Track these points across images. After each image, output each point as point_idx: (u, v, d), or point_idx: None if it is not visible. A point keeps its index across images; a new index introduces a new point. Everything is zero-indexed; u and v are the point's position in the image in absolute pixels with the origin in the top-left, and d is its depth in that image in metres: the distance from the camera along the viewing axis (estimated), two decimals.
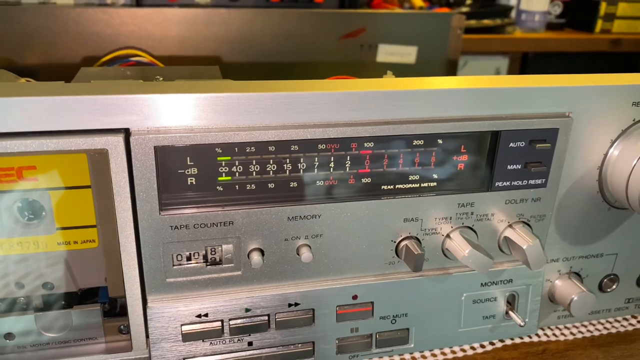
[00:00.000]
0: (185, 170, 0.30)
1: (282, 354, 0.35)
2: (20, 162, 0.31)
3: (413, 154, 0.34)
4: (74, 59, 0.66)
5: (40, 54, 0.66)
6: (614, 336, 0.44)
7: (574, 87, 0.34)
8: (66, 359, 0.33)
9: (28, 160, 0.31)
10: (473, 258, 0.34)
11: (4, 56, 0.64)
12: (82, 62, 0.66)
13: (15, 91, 0.28)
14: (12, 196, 0.31)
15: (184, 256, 0.32)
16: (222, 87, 0.30)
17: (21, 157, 0.30)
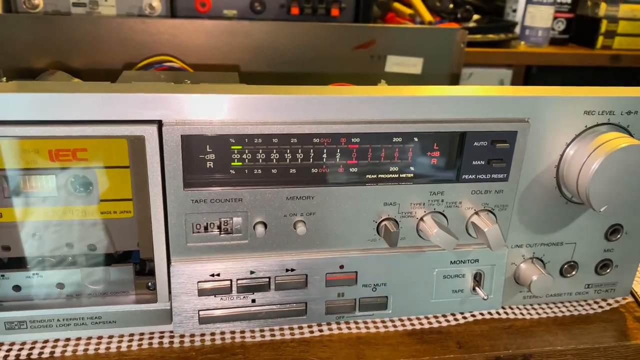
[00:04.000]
0: (205, 155, 0.38)
1: (279, 310, 0.42)
2: (74, 144, 0.38)
3: (393, 149, 0.40)
4: (114, 62, 0.74)
5: (86, 57, 0.75)
6: (574, 317, 0.49)
7: (532, 97, 0.41)
8: (104, 306, 0.41)
9: (81, 143, 0.38)
10: (440, 237, 0.40)
11: (56, 59, 0.73)
12: (121, 66, 0.74)
13: (73, 88, 0.36)
14: (67, 172, 0.39)
15: (202, 226, 0.40)
16: (236, 90, 0.37)
17: (75, 141, 0.38)
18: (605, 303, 0.51)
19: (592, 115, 0.42)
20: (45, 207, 0.40)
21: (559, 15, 0.95)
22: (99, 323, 0.41)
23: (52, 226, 0.40)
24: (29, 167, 0.38)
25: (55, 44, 0.73)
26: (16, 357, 0.40)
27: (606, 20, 0.93)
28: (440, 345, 0.45)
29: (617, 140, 0.41)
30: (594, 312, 0.50)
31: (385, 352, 0.43)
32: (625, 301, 0.51)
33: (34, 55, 0.73)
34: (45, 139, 0.37)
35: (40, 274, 0.41)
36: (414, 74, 0.79)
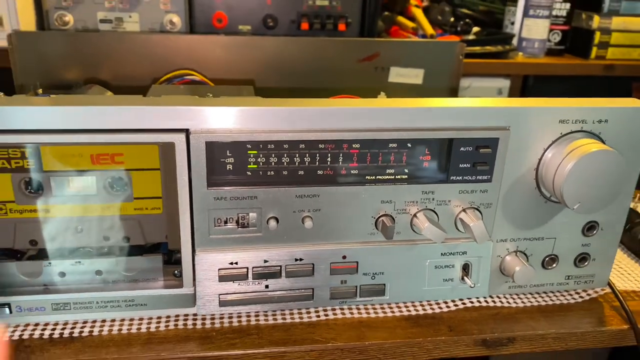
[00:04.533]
0: (226, 159, 0.44)
1: (289, 295, 0.48)
2: (113, 149, 0.45)
3: (389, 153, 0.46)
4: (138, 74, 0.80)
5: (112, 70, 0.81)
6: (556, 306, 0.55)
7: (512, 107, 0.46)
8: (136, 290, 0.47)
9: (118, 149, 0.45)
10: (431, 231, 0.46)
11: (85, 72, 0.80)
12: (145, 77, 0.80)
13: (113, 102, 0.42)
14: (106, 174, 0.45)
15: (222, 220, 0.45)
16: (252, 103, 0.43)
17: (114, 146, 0.44)
18: (585, 293, 0.56)
19: (567, 123, 0.47)
20: (87, 204, 0.46)
21: (555, 27, 1.00)
22: (131, 305, 0.47)
23: (92, 221, 0.47)
24: (73, 169, 0.45)
25: (85, 58, 0.79)
26: (60, 334, 0.47)
27: (599, 32, 0.98)
28: (433, 328, 0.50)
29: (588, 145, 0.46)
30: (575, 301, 0.55)
31: (383, 334, 0.49)
32: (603, 292, 0.56)
33: (66, 69, 0.79)
34: (88, 145, 0.44)
35: (81, 262, 0.47)
36: (415, 84, 0.84)
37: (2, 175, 0.44)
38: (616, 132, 0.48)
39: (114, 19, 0.86)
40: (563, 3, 0.99)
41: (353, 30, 0.88)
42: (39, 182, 0.45)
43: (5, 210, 0.45)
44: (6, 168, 0.44)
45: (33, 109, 0.40)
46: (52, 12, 0.84)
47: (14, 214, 0.45)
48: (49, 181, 0.45)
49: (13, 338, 0.46)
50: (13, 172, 0.44)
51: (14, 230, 0.46)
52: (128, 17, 0.86)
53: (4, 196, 0.45)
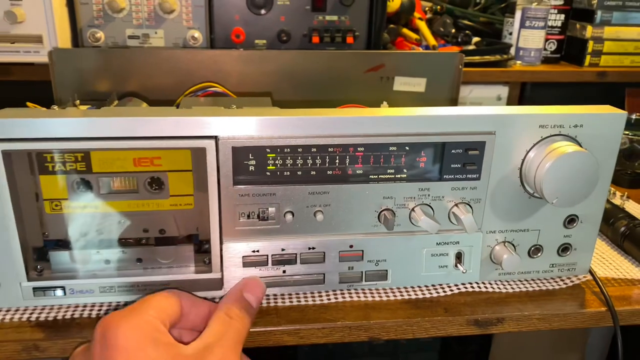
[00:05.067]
0: (248, 161, 0.51)
1: (304, 279, 0.55)
2: (152, 154, 0.52)
3: (390, 155, 0.53)
4: (164, 86, 0.88)
5: (140, 82, 0.88)
6: (542, 291, 0.61)
7: (497, 114, 0.53)
8: (171, 275, 0.54)
9: (156, 153, 0.52)
10: (426, 223, 0.53)
11: (116, 84, 0.87)
12: (170, 89, 0.87)
13: (152, 113, 0.50)
14: (146, 175, 0.53)
15: (246, 214, 0.53)
16: (271, 113, 0.51)
17: (152, 151, 0.52)
18: (568, 280, 0.62)
19: (546, 128, 0.54)
20: (129, 201, 0.53)
21: (550, 37, 1.06)
22: (167, 288, 0.54)
23: (133, 215, 0.54)
24: (118, 171, 0.52)
25: (116, 72, 0.87)
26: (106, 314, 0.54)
27: (592, 41, 1.04)
28: (430, 310, 0.57)
29: (565, 147, 0.53)
30: (559, 287, 0.62)
31: (386, 315, 0.56)
32: (585, 279, 0.63)
33: (99, 82, 0.87)
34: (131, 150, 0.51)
35: (124, 251, 0.55)
36: (418, 92, 0.91)
37: (59, 176, 0.52)
38: (591, 136, 0.55)
39: (141, 35, 0.94)
40: (558, 14, 1.05)
41: (360, 42, 0.95)
42: (88, 183, 0.52)
43: (61, 206, 0.53)
44: (62, 170, 0.52)
45: (87, 120, 0.48)
46: (86, 29, 0.92)
47: (67, 210, 0.53)
48: (97, 181, 0.52)
49: (66, 317, 0.54)
50: (67, 174, 0.52)
51: (66, 223, 0.54)
52: (154, 33, 0.94)
53: (59, 194, 0.52)
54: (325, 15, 0.93)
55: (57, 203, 0.53)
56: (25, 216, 0.51)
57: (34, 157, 0.50)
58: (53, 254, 0.53)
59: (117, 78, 0.87)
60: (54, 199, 0.52)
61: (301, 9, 0.92)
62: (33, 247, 0.53)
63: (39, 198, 0.52)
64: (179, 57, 0.87)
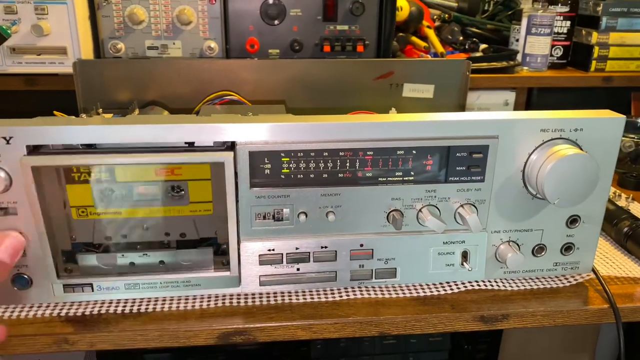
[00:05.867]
0: (264, 165, 0.54)
1: (317, 277, 0.58)
2: (173, 164, 0.55)
3: (398, 159, 0.56)
4: (182, 95, 0.91)
5: (159, 91, 0.91)
6: (546, 289, 0.63)
7: (500, 119, 0.56)
8: (192, 273, 0.57)
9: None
10: (432, 223, 0.56)
11: (136, 94, 0.91)
12: (188, 97, 0.90)
13: (175, 120, 0.53)
14: (168, 183, 0.56)
15: (262, 215, 0.56)
16: (284, 119, 0.54)
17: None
18: (572, 278, 0.64)
19: (547, 132, 0.56)
20: (152, 207, 0.57)
21: (556, 43, 1.08)
22: (188, 285, 0.58)
23: (156, 220, 0.57)
24: (140, 180, 0.55)
25: (136, 81, 0.90)
26: (130, 310, 0.57)
27: (598, 47, 1.06)
28: (438, 307, 0.59)
29: (565, 150, 0.55)
30: (563, 285, 0.64)
31: (396, 311, 0.58)
32: (589, 277, 0.65)
33: (119, 91, 0.91)
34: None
35: (147, 254, 0.58)
36: (427, 98, 0.94)
37: (84, 185, 0.55)
38: (591, 139, 0.57)
39: (160, 46, 0.98)
40: (563, 21, 1.07)
41: (370, 51, 0.98)
42: (112, 190, 0.55)
43: (87, 212, 0.56)
44: (87, 180, 0.55)
45: (116, 128, 0.51)
46: (107, 41, 0.96)
47: (93, 216, 0.56)
48: (122, 190, 0.55)
49: (93, 313, 0.57)
50: (93, 184, 0.55)
51: (92, 228, 0.57)
52: (172, 44, 0.98)
53: (85, 202, 0.55)
54: (336, 25, 0.96)
55: (83, 209, 0.56)
56: (53, 222, 0.55)
57: (61, 169, 0.54)
58: (81, 256, 0.57)
59: (138, 87, 0.90)
60: (80, 206, 0.56)
61: (313, 19, 0.96)
62: (62, 250, 0.56)
63: (66, 205, 0.55)
64: (196, 67, 0.90)
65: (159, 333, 0.55)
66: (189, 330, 0.55)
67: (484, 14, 1.28)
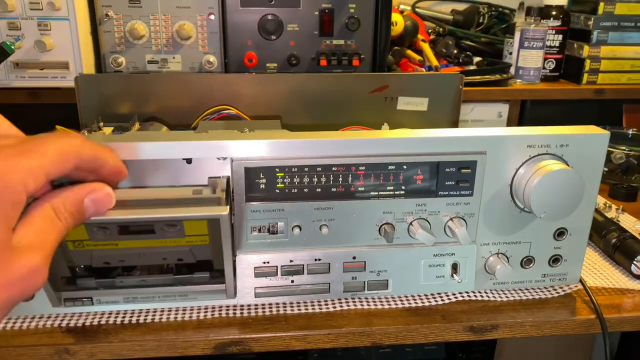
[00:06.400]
0: (259, 180, 0.56)
1: (310, 288, 0.59)
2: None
3: (389, 174, 0.58)
4: (182, 108, 0.93)
5: (159, 104, 0.93)
6: (535, 300, 0.65)
7: (487, 136, 0.57)
8: (189, 286, 0.59)
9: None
10: (423, 236, 0.57)
11: (137, 107, 0.93)
12: (188, 111, 0.92)
13: (176, 137, 0.55)
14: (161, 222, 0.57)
15: (257, 228, 0.58)
16: (279, 136, 0.56)
17: None
18: (561, 289, 0.66)
19: (534, 148, 0.58)
20: (147, 240, 0.57)
21: (549, 56, 1.10)
22: (185, 298, 0.59)
23: (152, 249, 0.57)
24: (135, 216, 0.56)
25: (137, 95, 0.92)
26: (129, 321, 0.59)
27: (589, 60, 1.08)
28: (429, 317, 0.61)
29: (551, 165, 0.57)
30: (551, 296, 0.65)
31: (387, 321, 0.60)
32: (577, 288, 0.66)
33: (120, 104, 0.93)
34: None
35: (145, 280, 0.58)
36: (421, 111, 0.96)
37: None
38: (576, 154, 0.59)
39: (160, 60, 1.00)
40: (556, 35, 1.09)
41: (366, 65, 1.00)
42: (107, 230, 0.56)
43: (82, 245, 0.56)
44: None
45: (113, 145, 0.53)
46: (108, 55, 0.99)
47: (89, 247, 0.56)
48: (115, 225, 0.56)
49: (93, 324, 0.59)
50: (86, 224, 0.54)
51: (90, 256, 0.57)
52: (172, 58, 1.00)
53: (80, 236, 0.54)
54: (333, 39, 0.98)
55: (78, 242, 0.57)
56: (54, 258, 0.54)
57: None
58: (80, 281, 0.57)
59: (138, 101, 0.93)
60: (75, 240, 0.56)
61: (310, 34, 0.98)
62: (62, 277, 0.57)
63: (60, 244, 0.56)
64: (196, 81, 0.92)
65: (157, 343, 0.57)
66: (186, 341, 0.57)
67: (478, 26, 1.30)
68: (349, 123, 0.92)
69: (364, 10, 0.98)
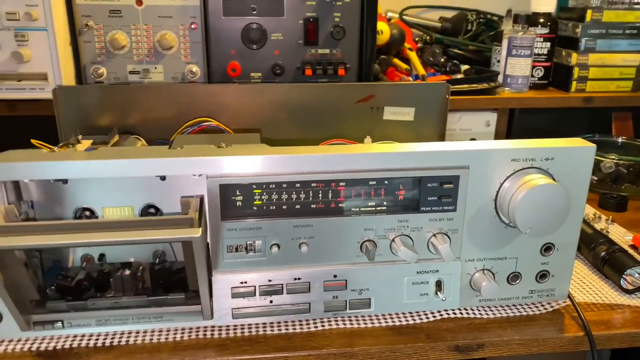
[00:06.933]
0: (236, 197, 0.54)
1: (290, 309, 0.58)
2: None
3: (370, 189, 0.56)
4: (163, 119, 0.90)
5: (140, 116, 0.91)
6: (523, 317, 0.63)
7: (470, 150, 0.56)
8: (164, 307, 0.57)
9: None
10: (405, 253, 0.56)
11: (118, 119, 0.91)
12: (170, 121, 0.89)
13: (147, 154, 0.53)
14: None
15: (233, 247, 0.56)
16: (255, 151, 0.54)
17: None
18: (549, 305, 0.64)
19: (518, 162, 0.57)
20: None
21: (537, 64, 1.09)
22: (160, 319, 0.57)
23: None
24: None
25: (117, 107, 0.89)
26: (102, 343, 0.57)
27: (578, 68, 1.07)
28: (413, 336, 0.59)
29: (536, 180, 0.55)
30: (540, 312, 0.64)
31: (370, 341, 0.58)
32: (565, 304, 0.65)
33: (100, 117, 0.90)
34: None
35: (118, 302, 0.56)
36: (407, 120, 0.94)
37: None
38: (562, 168, 0.57)
39: (142, 70, 0.98)
40: (544, 42, 1.08)
41: (352, 74, 0.98)
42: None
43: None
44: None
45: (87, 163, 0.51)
46: (89, 66, 0.97)
47: None
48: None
49: (65, 347, 0.56)
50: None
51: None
52: (154, 69, 0.98)
53: None
54: (318, 48, 0.97)
55: None
56: (19, 282, 0.53)
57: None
58: (50, 304, 0.56)
59: (119, 113, 0.90)
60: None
61: (294, 43, 0.96)
62: (30, 300, 0.55)
63: (28, 266, 0.55)
64: (178, 92, 0.90)
65: None
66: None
67: (467, 34, 1.29)
68: (335, 134, 0.91)
69: (349, 19, 0.96)
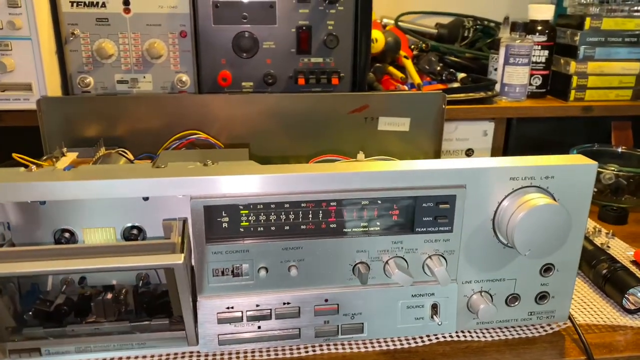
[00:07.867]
0: (221, 218, 0.52)
1: (279, 335, 0.55)
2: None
3: (362, 209, 0.54)
4: (152, 131, 0.88)
5: (129, 127, 0.89)
6: (522, 339, 0.61)
7: (467, 168, 0.53)
8: (147, 333, 0.54)
9: None
10: (399, 277, 0.53)
11: (105, 130, 0.88)
12: (158, 132, 0.87)
13: (126, 173, 0.51)
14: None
15: (219, 270, 0.53)
16: (242, 170, 0.51)
17: None
18: (549, 327, 0.62)
19: (517, 180, 0.54)
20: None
21: (535, 72, 1.07)
22: (143, 346, 0.55)
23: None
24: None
25: (104, 118, 0.87)
26: None
27: (576, 76, 1.05)
28: None
29: (536, 200, 0.53)
30: (539, 335, 0.61)
31: None
32: (565, 325, 0.62)
33: (86, 128, 0.88)
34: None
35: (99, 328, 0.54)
36: (402, 131, 0.92)
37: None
38: (562, 186, 0.55)
39: (130, 80, 0.95)
40: (542, 50, 1.06)
41: (345, 83, 0.96)
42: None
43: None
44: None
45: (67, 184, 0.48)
46: (75, 75, 0.94)
47: None
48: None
49: None
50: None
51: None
52: (142, 78, 0.95)
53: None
54: (310, 57, 0.94)
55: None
56: None
57: None
58: (27, 330, 0.53)
59: (106, 124, 0.88)
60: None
61: (287, 51, 0.94)
62: (6, 327, 0.53)
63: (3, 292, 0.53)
64: (167, 102, 0.88)
65: None
66: None
67: (463, 40, 1.27)
68: (328, 145, 0.88)
69: (343, 27, 0.94)
